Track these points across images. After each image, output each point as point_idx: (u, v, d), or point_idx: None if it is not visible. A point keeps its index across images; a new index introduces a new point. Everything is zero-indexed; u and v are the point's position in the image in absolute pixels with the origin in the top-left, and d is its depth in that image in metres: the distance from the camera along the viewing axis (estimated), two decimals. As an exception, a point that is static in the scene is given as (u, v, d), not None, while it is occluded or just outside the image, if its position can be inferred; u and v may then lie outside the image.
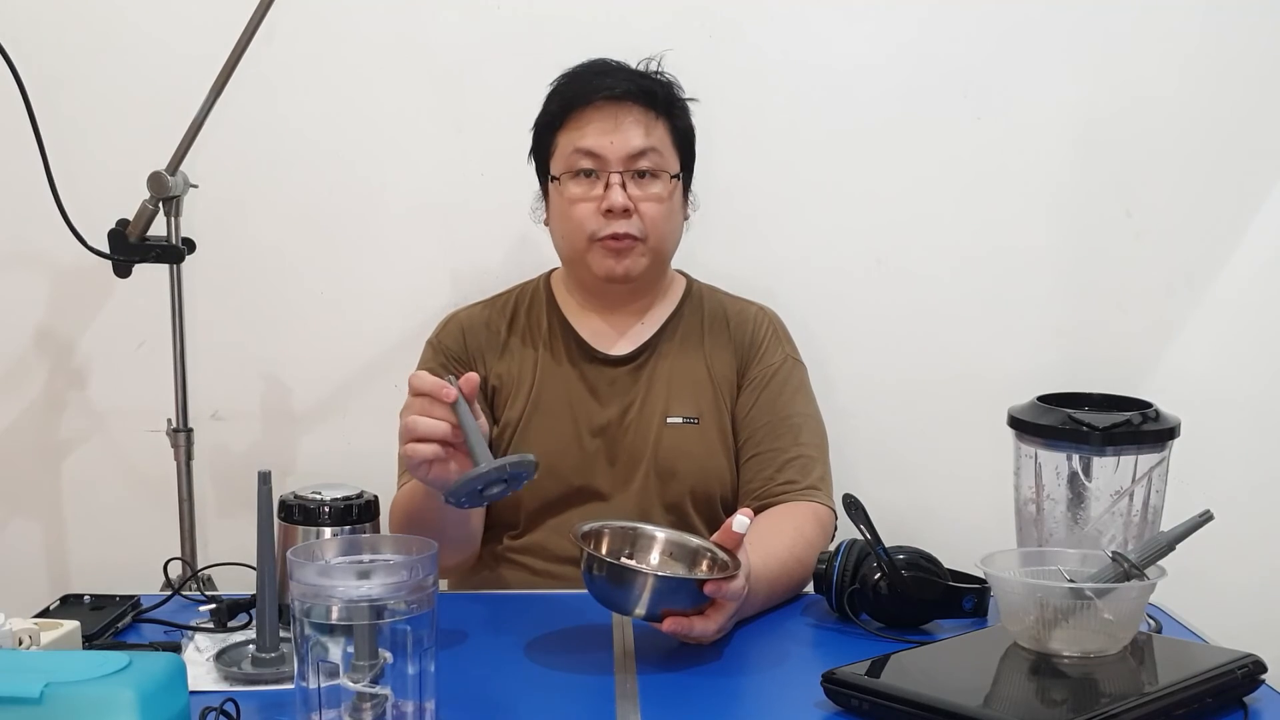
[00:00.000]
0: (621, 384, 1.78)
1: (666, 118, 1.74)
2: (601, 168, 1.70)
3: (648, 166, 1.71)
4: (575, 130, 1.72)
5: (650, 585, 1.33)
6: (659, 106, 1.73)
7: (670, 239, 1.77)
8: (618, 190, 1.69)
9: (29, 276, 2.15)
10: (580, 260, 1.75)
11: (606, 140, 1.70)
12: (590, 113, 1.71)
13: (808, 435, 1.76)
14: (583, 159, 1.71)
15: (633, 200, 1.70)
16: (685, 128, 1.78)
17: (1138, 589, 1.28)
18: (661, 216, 1.72)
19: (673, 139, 1.75)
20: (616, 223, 1.70)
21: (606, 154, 1.70)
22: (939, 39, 2.13)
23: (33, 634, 1.23)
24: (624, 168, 1.70)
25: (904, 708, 1.17)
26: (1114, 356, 2.16)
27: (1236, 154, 2.16)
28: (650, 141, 1.71)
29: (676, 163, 1.75)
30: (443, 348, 1.80)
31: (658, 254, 1.75)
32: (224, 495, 2.17)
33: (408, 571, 1.10)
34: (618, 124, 1.70)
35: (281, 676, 1.27)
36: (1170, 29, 2.12)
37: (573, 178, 1.72)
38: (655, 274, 1.79)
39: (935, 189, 2.16)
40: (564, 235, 1.75)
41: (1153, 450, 1.45)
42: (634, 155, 1.70)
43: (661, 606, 1.34)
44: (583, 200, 1.71)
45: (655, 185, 1.72)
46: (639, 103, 1.72)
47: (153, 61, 2.08)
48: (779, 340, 1.83)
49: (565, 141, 1.73)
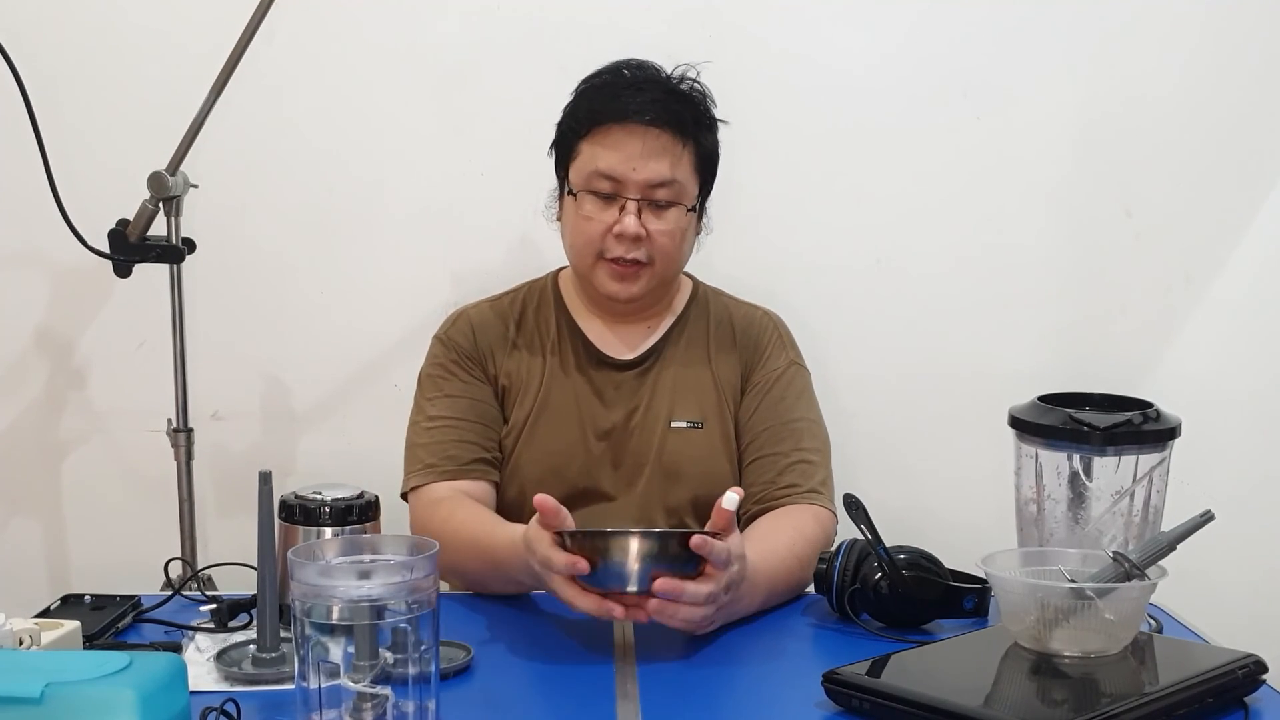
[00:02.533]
0: (627, 388, 1.78)
1: (695, 141, 1.71)
2: (619, 191, 1.68)
3: (666, 197, 1.68)
4: (599, 146, 1.69)
5: (636, 548, 1.31)
6: (688, 131, 1.70)
7: (678, 264, 1.76)
8: (632, 219, 1.67)
9: (29, 276, 2.15)
10: (586, 275, 1.75)
11: (629, 167, 1.67)
12: (617, 132, 1.68)
13: (810, 440, 1.76)
14: (602, 180, 1.68)
15: (646, 228, 1.68)
16: (710, 149, 1.74)
17: (1138, 589, 1.28)
18: (673, 246, 1.71)
19: (696, 164, 1.71)
20: (626, 248, 1.69)
21: (627, 179, 1.67)
22: (939, 39, 2.13)
23: (33, 634, 1.23)
24: (642, 195, 1.68)
25: (904, 708, 1.17)
26: (1114, 356, 2.16)
27: (1236, 153, 2.16)
28: (673, 173, 1.68)
29: (696, 190, 1.72)
30: (453, 344, 1.80)
31: (664, 278, 1.74)
32: (224, 495, 2.17)
33: (408, 571, 1.10)
34: (643, 151, 1.66)
35: (282, 676, 1.27)
36: (1170, 28, 2.12)
37: (589, 196, 1.70)
38: (661, 293, 1.79)
39: (935, 188, 2.16)
40: (573, 247, 1.75)
41: (1153, 450, 1.45)
42: (654, 185, 1.68)
43: (651, 571, 1.31)
44: (596, 219, 1.69)
45: (670, 216, 1.69)
46: (669, 129, 1.67)
47: (153, 61, 2.09)
48: (783, 345, 1.83)
49: (588, 154, 1.70)
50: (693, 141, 1.71)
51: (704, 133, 1.73)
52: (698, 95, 1.74)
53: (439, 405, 1.76)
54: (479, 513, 1.63)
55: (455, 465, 1.71)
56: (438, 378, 1.78)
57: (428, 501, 1.68)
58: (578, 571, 1.32)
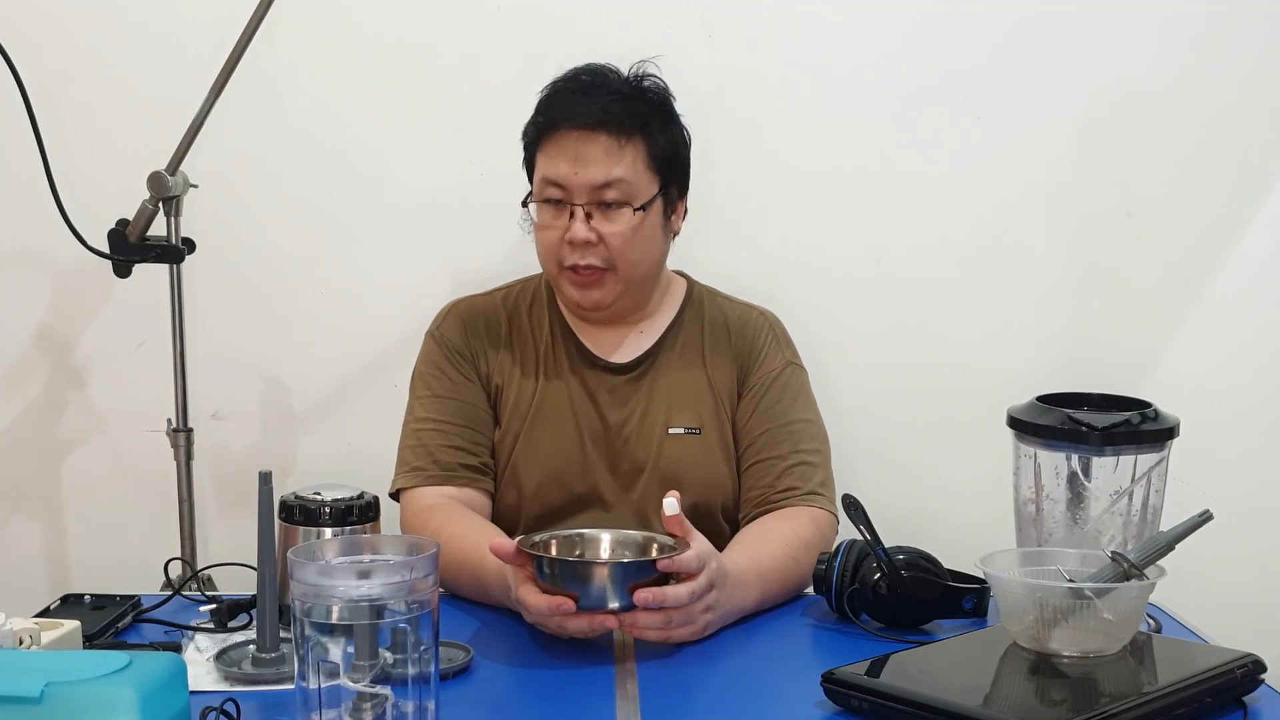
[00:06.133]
0: (622, 393, 1.78)
1: (642, 137, 1.69)
2: (567, 198, 1.68)
3: (614, 198, 1.67)
4: (545, 156, 1.69)
5: (608, 574, 1.35)
6: (633, 126, 1.67)
7: (642, 265, 1.73)
8: (580, 224, 1.66)
9: (29, 276, 2.15)
10: (555, 285, 1.76)
11: (571, 171, 1.66)
12: (559, 139, 1.68)
13: (807, 441, 1.76)
14: (550, 188, 1.69)
15: (597, 232, 1.67)
16: (667, 144, 1.72)
17: (1137, 589, 1.28)
18: (629, 247, 1.68)
19: (648, 161, 1.69)
20: (580, 254, 1.68)
21: (571, 184, 1.66)
22: (938, 39, 2.13)
23: (33, 634, 1.23)
24: (588, 199, 1.67)
25: (904, 708, 1.18)
26: (1113, 356, 2.16)
27: (1237, 153, 2.15)
28: (616, 173, 1.66)
29: (652, 186, 1.70)
30: (444, 341, 1.80)
31: (630, 280, 1.72)
32: (224, 495, 2.17)
33: (408, 571, 1.10)
34: (582, 156, 1.66)
35: (282, 676, 1.27)
36: (1170, 28, 2.12)
37: (542, 205, 1.71)
38: (636, 295, 1.77)
39: (935, 189, 2.16)
40: (540, 258, 1.75)
41: (1152, 450, 1.45)
42: (599, 187, 1.66)
43: (629, 585, 1.34)
44: (550, 228, 1.69)
45: (621, 217, 1.68)
46: (607, 130, 1.66)
47: (153, 61, 2.08)
48: (779, 346, 1.82)
49: (541, 163, 1.71)
50: (640, 139, 1.68)
51: (655, 129, 1.70)
52: (651, 93, 1.72)
53: (428, 406, 1.76)
54: (470, 528, 1.61)
55: (441, 470, 1.71)
56: (429, 377, 1.78)
57: (420, 507, 1.68)
58: (561, 613, 1.34)
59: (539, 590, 1.37)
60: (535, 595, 1.37)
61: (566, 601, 1.34)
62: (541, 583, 1.37)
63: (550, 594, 1.35)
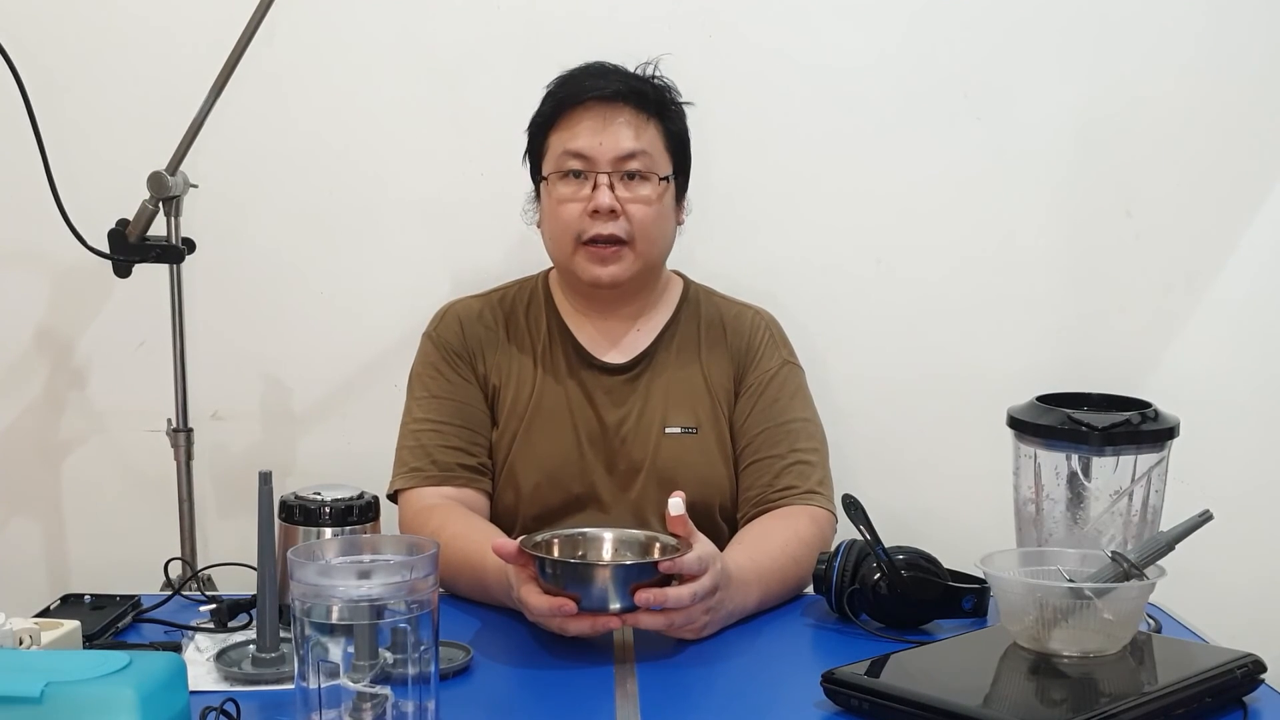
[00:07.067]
0: (619, 393, 1.78)
1: (659, 120, 1.73)
2: (590, 168, 1.70)
3: (637, 168, 1.70)
4: (566, 131, 1.71)
5: (610, 575, 1.35)
6: (651, 108, 1.72)
7: (659, 243, 1.75)
8: (605, 191, 1.68)
9: (29, 276, 2.15)
10: (567, 264, 1.74)
11: (596, 141, 1.69)
12: (581, 113, 1.70)
13: (805, 440, 1.76)
14: (572, 160, 1.70)
15: (620, 202, 1.69)
16: (679, 132, 1.77)
17: (1137, 589, 1.28)
18: (650, 219, 1.71)
19: (665, 142, 1.74)
20: (603, 224, 1.69)
21: (595, 155, 1.69)
22: (938, 39, 2.13)
23: (33, 634, 1.23)
24: (612, 169, 1.69)
25: (904, 708, 1.18)
26: (1113, 356, 2.16)
27: (1236, 153, 2.15)
28: (640, 144, 1.70)
29: (668, 166, 1.74)
30: (442, 342, 1.80)
31: (646, 258, 1.73)
32: (224, 495, 2.17)
33: (408, 571, 1.10)
34: (607, 125, 1.69)
35: (281, 676, 1.27)
36: (1170, 28, 2.12)
37: (561, 178, 1.71)
38: (645, 279, 1.78)
39: (935, 189, 2.16)
40: (552, 237, 1.75)
41: (1152, 450, 1.45)
42: (623, 157, 1.69)
43: (631, 586, 1.34)
44: (571, 201, 1.70)
45: (644, 187, 1.71)
46: (630, 104, 1.71)
47: (153, 61, 2.08)
48: (775, 345, 1.82)
49: (556, 142, 1.72)
50: (657, 119, 1.73)
51: (669, 113, 1.75)
52: (661, 84, 1.76)
53: (425, 407, 1.76)
54: (470, 529, 1.61)
55: (439, 471, 1.71)
56: (426, 378, 1.78)
57: (419, 508, 1.68)
58: (564, 613, 1.34)
59: (541, 590, 1.37)
60: (537, 596, 1.37)
61: (568, 603, 1.34)
62: (543, 583, 1.37)
63: (552, 594, 1.36)
